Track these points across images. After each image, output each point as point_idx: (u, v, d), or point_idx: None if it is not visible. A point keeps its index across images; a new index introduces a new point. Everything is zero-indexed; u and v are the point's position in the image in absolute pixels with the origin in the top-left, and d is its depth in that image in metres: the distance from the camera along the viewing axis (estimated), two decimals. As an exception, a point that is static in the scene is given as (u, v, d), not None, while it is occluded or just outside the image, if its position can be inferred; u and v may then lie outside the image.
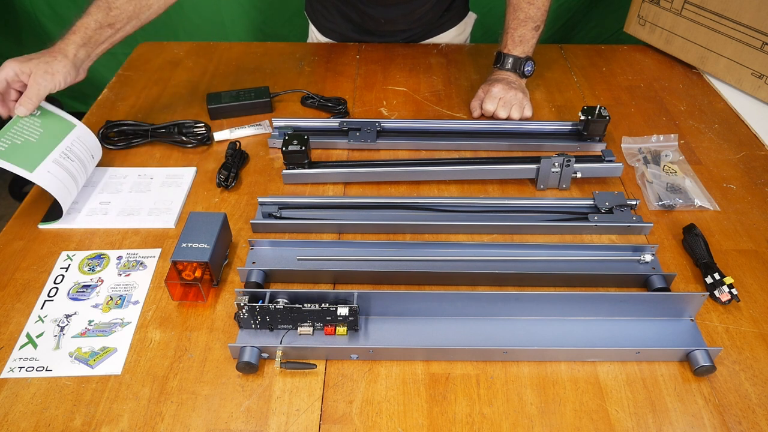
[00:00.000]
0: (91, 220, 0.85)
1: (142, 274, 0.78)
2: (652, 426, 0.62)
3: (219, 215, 0.77)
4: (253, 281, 0.74)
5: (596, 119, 0.95)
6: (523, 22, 1.03)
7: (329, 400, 0.65)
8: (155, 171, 0.95)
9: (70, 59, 0.84)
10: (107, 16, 0.87)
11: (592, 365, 0.68)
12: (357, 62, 1.22)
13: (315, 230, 0.84)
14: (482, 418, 0.63)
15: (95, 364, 0.68)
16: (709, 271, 0.76)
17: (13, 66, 0.82)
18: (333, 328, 0.68)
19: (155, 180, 0.93)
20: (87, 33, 0.86)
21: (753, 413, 0.64)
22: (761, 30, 1.05)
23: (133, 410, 0.64)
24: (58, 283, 0.77)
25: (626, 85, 1.16)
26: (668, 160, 0.95)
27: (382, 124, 1.02)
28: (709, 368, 0.65)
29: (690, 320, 0.72)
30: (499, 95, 1.03)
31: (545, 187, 0.92)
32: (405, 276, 0.76)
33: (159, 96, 1.13)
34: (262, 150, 1.00)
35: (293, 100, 1.11)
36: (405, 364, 0.68)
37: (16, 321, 0.73)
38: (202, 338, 0.71)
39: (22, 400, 0.65)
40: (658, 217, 0.86)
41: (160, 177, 0.93)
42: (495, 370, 0.67)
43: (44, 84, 0.82)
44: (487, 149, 1.00)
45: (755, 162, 0.97)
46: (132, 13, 0.90)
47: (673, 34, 1.20)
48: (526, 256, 0.79)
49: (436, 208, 0.86)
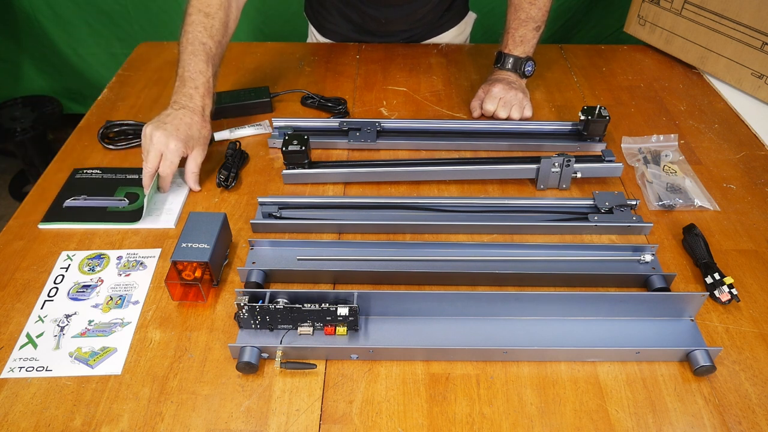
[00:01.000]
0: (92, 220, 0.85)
1: (142, 274, 0.78)
2: (652, 426, 0.62)
3: (219, 215, 0.77)
4: (253, 281, 0.74)
5: (596, 119, 0.95)
6: (524, 22, 1.03)
7: (329, 400, 0.65)
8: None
9: (207, 122, 0.90)
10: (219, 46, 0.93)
11: (592, 365, 0.68)
12: (357, 62, 1.22)
13: (315, 230, 0.84)
14: (482, 418, 0.63)
15: (95, 364, 0.68)
16: (709, 271, 0.76)
17: (179, 147, 0.84)
18: (333, 328, 0.68)
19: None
20: (210, 86, 0.90)
21: (753, 413, 0.64)
22: (761, 30, 1.05)
23: (133, 410, 0.64)
24: (58, 283, 0.77)
25: (626, 85, 1.16)
26: (668, 160, 0.95)
27: (382, 124, 1.02)
28: (709, 368, 0.65)
29: (690, 320, 0.72)
30: (500, 95, 1.03)
31: (545, 187, 0.92)
32: (405, 276, 0.76)
33: (159, 96, 1.13)
34: (262, 150, 1.00)
35: (293, 100, 1.11)
36: (405, 364, 0.68)
37: (16, 321, 0.73)
38: (202, 338, 0.71)
39: (22, 400, 0.64)
40: (658, 217, 0.86)
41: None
42: (495, 370, 0.67)
43: (200, 161, 0.89)
44: (487, 149, 1.00)
45: (755, 162, 0.97)
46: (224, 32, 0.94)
47: (673, 34, 1.20)
48: (526, 256, 0.79)
49: (436, 208, 0.86)
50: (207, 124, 0.89)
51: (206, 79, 0.89)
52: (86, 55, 2.00)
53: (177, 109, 0.87)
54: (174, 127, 0.85)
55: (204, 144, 0.89)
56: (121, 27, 1.93)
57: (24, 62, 2.06)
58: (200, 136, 0.88)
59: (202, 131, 0.88)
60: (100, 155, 0.98)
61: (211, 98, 0.91)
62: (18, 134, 1.94)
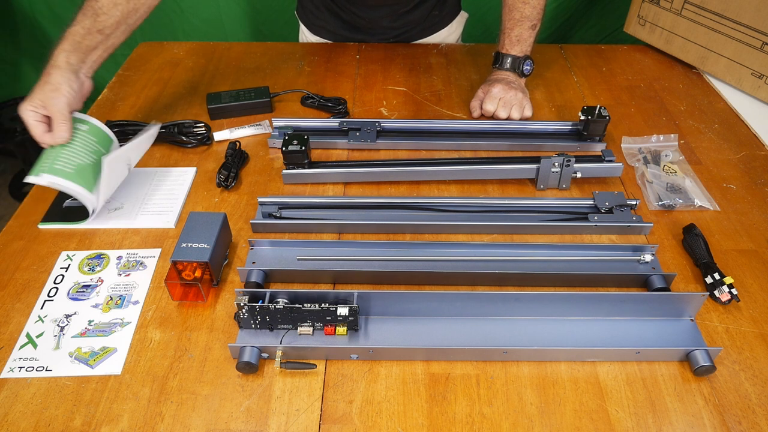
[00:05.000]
0: (91, 220, 0.85)
1: (142, 274, 0.78)
2: (652, 426, 0.62)
3: (219, 215, 0.77)
4: (253, 281, 0.74)
5: (596, 119, 0.95)
6: (519, 22, 1.03)
7: (329, 400, 0.65)
8: (155, 171, 0.95)
9: (64, 67, 0.82)
10: (95, 23, 0.86)
11: (592, 365, 0.68)
12: (357, 62, 1.22)
13: (315, 230, 0.84)
14: (482, 418, 0.63)
15: (95, 364, 0.68)
16: (709, 271, 0.76)
17: (26, 108, 0.80)
18: (333, 328, 0.68)
19: (155, 180, 0.93)
20: (75, 39, 0.85)
21: (753, 413, 0.64)
22: (761, 30, 1.05)
23: (133, 410, 0.64)
24: (58, 283, 0.77)
25: (626, 85, 1.16)
26: (668, 160, 0.95)
27: (382, 124, 1.02)
28: (709, 368, 0.65)
29: (690, 320, 0.72)
30: (499, 95, 1.03)
31: (545, 187, 0.92)
32: (405, 276, 0.76)
33: (159, 96, 1.13)
34: (262, 150, 1.00)
35: (293, 100, 1.11)
36: (405, 364, 0.68)
37: (16, 321, 0.73)
38: (202, 338, 0.71)
39: (22, 400, 0.64)
40: (658, 217, 0.86)
41: (160, 177, 0.93)
42: (495, 370, 0.67)
43: (58, 103, 0.80)
44: (487, 149, 1.00)
45: (755, 162, 0.97)
46: (120, 18, 0.88)
47: (673, 34, 1.20)
48: (526, 256, 0.79)
49: (436, 208, 0.86)
50: (58, 70, 0.82)
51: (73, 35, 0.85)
52: (86, 56, 2.00)
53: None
54: (31, 93, 0.81)
55: (56, 88, 0.81)
56: (120, 27, 1.93)
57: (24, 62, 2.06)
58: (48, 82, 0.81)
59: (51, 79, 0.81)
60: (100, 155, 0.98)
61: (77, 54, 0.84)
62: (18, 134, 1.93)
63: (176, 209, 0.87)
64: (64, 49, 0.84)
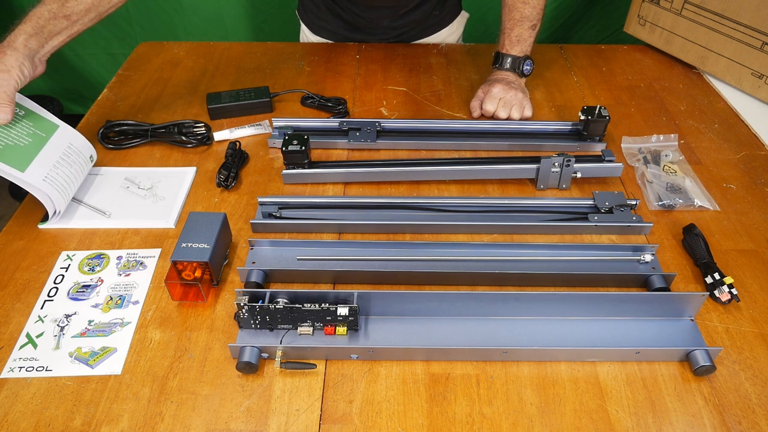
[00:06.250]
0: (91, 220, 0.85)
1: (142, 274, 0.78)
2: (652, 426, 0.62)
3: (219, 215, 0.77)
4: (253, 281, 0.74)
5: (596, 119, 0.95)
6: (519, 22, 1.03)
7: (329, 400, 0.65)
8: (155, 171, 0.95)
9: (21, 51, 0.79)
10: (63, 8, 0.82)
11: (592, 365, 0.68)
12: (357, 62, 1.22)
13: (315, 230, 0.84)
14: (482, 418, 0.63)
15: (95, 364, 0.68)
16: (709, 271, 0.76)
17: None
18: (333, 328, 0.68)
19: (155, 180, 0.93)
20: (39, 22, 0.82)
21: (753, 413, 0.64)
22: (761, 30, 1.05)
23: (133, 410, 0.64)
24: (58, 283, 0.77)
25: (626, 85, 1.16)
26: (668, 160, 0.95)
27: (382, 124, 1.02)
28: (709, 368, 0.65)
29: (690, 320, 0.72)
30: (499, 95, 1.03)
31: (545, 187, 0.92)
32: (405, 276, 0.76)
33: (159, 96, 1.13)
34: (262, 150, 1.00)
35: (293, 100, 1.11)
36: (405, 364, 0.68)
37: (16, 321, 0.73)
38: (202, 338, 0.71)
39: (22, 400, 0.64)
40: (658, 217, 0.86)
41: (160, 177, 0.93)
42: (495, 370, 0.67)
43: (6, 86, 0.77)
44: (487, 149, 1.00)
45: (755, 162, 0.97)
46: (90, 5, 0.85)
47: (673, 34, 1.20)
48: (526, 256, 0.79)
49: (436, 208, 0.86)
50: (15, 53, 0.79)
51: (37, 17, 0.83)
52: (85, 56, 2.00)
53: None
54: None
55: (7, 70, 0.78)
56: (120, 27, 1.93)
57: (24, 62, 2.06)
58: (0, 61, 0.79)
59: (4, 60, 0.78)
60: (101, 155, 0.97)
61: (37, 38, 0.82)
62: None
63: (176, 209, 0.87)
64: (24, 30, 0.81)
